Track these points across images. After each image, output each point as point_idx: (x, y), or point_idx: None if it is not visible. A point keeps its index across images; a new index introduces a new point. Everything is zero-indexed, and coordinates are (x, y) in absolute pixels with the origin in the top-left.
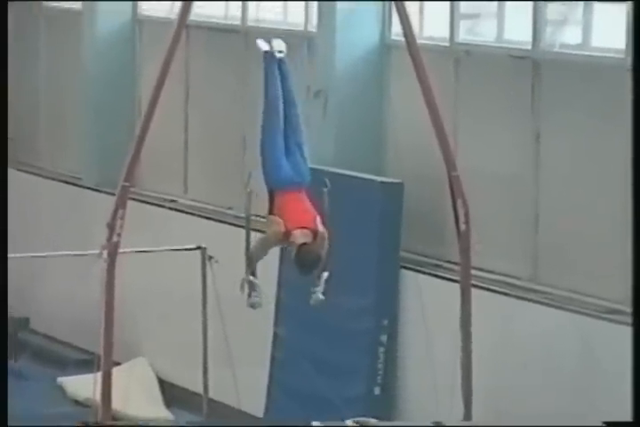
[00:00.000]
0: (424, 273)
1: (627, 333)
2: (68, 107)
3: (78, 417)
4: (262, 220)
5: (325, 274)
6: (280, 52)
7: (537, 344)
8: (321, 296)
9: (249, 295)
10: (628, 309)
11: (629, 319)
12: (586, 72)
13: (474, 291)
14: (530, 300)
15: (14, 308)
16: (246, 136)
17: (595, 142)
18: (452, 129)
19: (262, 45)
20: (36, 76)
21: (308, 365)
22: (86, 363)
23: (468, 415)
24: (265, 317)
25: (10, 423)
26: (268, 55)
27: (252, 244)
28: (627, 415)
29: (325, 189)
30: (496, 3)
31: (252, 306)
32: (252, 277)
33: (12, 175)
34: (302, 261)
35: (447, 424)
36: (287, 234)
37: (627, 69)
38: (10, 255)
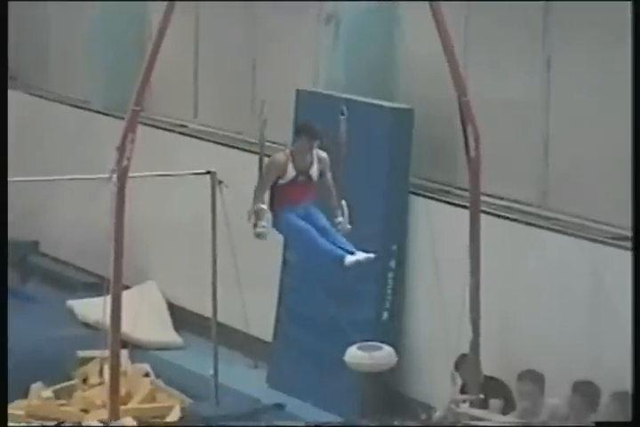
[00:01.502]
0: (433, 199)
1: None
2: (77, 30)
3: (88, 340)
4: (275, 146)
5: (344, 202)
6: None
7: (545, 270)
8: (348, 226)
9: (255, 225)
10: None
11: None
12: None
13: (483, 217)
14: (539, 226)
15: (23, 231)
16: (256, 61)
17: (606, 69)
18: (462, 56)
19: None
20: (46, 2)
21: (317, 290)
22: (96, 286)
23: (476, 341)
24: (274, 242)
25: (20, 346)
26: None
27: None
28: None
29: (342, 117)
30: None
31: (259, 236)
32: (261, 205)
33: (22, 99)
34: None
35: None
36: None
37: None
38: (19, 179)
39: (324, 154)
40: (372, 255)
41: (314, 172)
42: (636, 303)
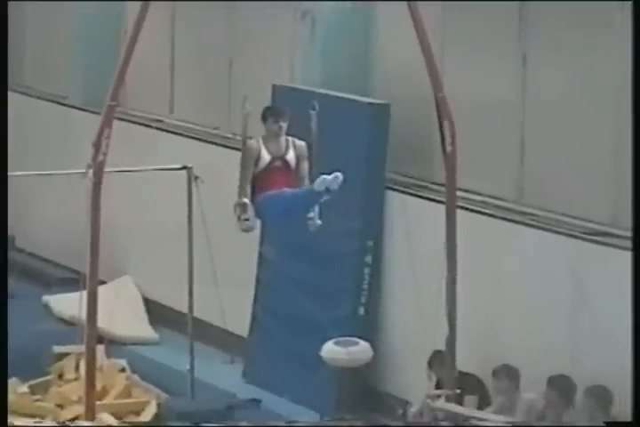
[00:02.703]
0: (410, 194)
1: (612, 254)
2: (54, 26)
3: (63, 335)
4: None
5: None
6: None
7: (522, 265)
8: (318, 222)
9: (239, 218)
10: (615, 231)
11: (615, 241)
12: None
13: (459, 212)
14: (515, 221)
15: None
16: (233, 56)
17: (582, 66)
18: (439, 54)
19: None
20: None
21: (293, 285)
22: (72, 281)
23: (452, 336)
24: (250, 237)
25: None
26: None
27: None
28: (609, 338)
29: (313, 112)
30: None
31: (246, 230)
32: (244, 199)
33: None
34: None
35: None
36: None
37: None
38: None
39: (301, 142)
40: (338, 174)
41: (290, 157)
42: (635, 304)
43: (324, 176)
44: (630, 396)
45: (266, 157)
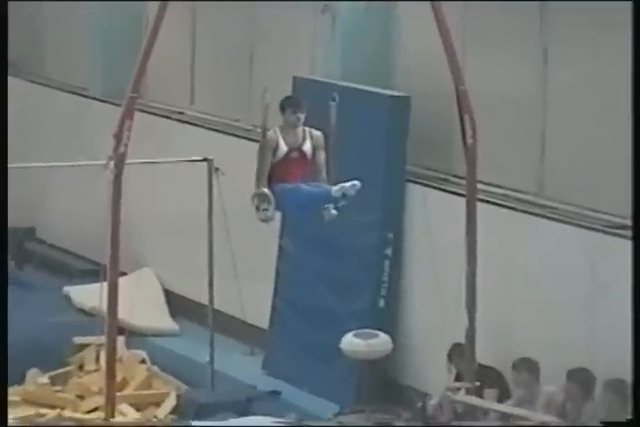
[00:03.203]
0: (430, 187)
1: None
2: (75, 17)
3: (84, 326)
4: None
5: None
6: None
7: (542, 259)
8: (334, 211)
9: (257, 208)
10: None
11: None
12: None
13: (479, 205)
14: (536, 214)
15: (20, 217)
16: (254, 49)
17: (601, 63)
18: (460, 51)
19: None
20: None
21: (313, 278)
22: (92, 273)
23: (471, 329)
24: (271, 229)
25: (16, 332)
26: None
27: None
28: (628, 331)
29: (333, 103)
30: None
31: (265, 220)
32: (263, 189)
33: (20, 85)
34: None
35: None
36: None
37: None
38: (17, 165)
39: (317, 132)
40: (356, 182)
41: (307, 148)
42: (636, 298)
43: (342, 184)
44: None
45: (283, 147)
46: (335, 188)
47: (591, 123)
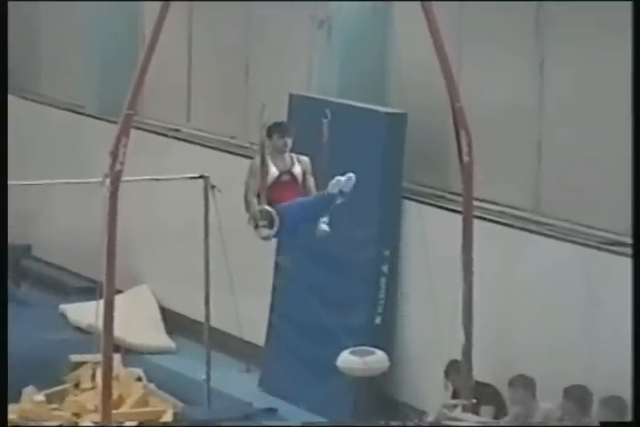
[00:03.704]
0: (426, 204)
1: (628, 264)
2: (70, 34)
3: (80, 344)
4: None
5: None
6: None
7: (538, 275)
8: (326, 227)
9: (256, 226)
10: (630, 240)
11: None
12: None
13: (476, 222)
14: (532, 231)
15: (16, 235)
16: (249, 65)
17: (599, 71)
18: (456, 54)
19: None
20: (38, 3)
21: (310, 294)
22: (88, 290)
23: (468, 346)
24: (266, 246)
25: (12, 349)
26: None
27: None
28: (625, 348)
29: (325, 120)
30: None
31: (266, 238)
32: (265, 207)
33: (15, 102)
34: None
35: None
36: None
37: None
38: (12, 182)
39: (305, 158)
40: (351, 175)
41: (297, 171)
42: (636, 307)
43: (338, 178)
44: None
45: (274, 171)
46: (331, 182)
47: (589, 135)
